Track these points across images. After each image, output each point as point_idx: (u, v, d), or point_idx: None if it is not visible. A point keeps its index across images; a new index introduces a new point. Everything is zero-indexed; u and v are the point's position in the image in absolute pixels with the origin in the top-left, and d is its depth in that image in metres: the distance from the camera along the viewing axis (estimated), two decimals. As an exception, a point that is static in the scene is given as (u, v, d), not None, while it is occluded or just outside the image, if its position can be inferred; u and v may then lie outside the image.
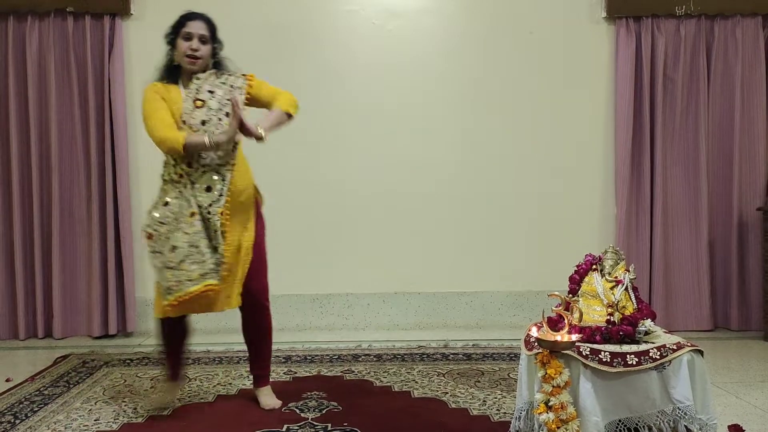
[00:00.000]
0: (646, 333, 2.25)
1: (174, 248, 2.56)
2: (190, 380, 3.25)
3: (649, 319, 2.27)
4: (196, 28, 2.71)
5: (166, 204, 2.61)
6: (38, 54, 4.14)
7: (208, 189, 2.61)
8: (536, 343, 2.17)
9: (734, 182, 4.22)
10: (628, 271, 2.40)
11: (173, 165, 2.65)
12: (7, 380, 3.29)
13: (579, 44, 4.32)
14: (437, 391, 3.05)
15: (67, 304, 4.20)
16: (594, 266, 2.44)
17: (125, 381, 3.26)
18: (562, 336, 2.10)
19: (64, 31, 4.14)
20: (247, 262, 2.75)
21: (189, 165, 2.62)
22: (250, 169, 2.82)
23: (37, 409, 2.88)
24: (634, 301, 2.33)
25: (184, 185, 2.62)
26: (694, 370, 2.19)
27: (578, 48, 4.32)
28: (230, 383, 3.21)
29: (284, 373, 3.36)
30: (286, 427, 2.63)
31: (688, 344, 2.21)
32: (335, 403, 2.89)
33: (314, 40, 4.25)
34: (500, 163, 4.34)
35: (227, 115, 2.63)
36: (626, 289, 2.35)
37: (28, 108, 4.12)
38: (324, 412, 2.79)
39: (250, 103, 2.76)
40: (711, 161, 4.27)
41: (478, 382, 3.18)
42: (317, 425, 2.64)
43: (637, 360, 2.14)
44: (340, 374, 3.34)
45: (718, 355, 3.67)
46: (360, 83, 4.27)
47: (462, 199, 4.35)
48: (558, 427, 2.05)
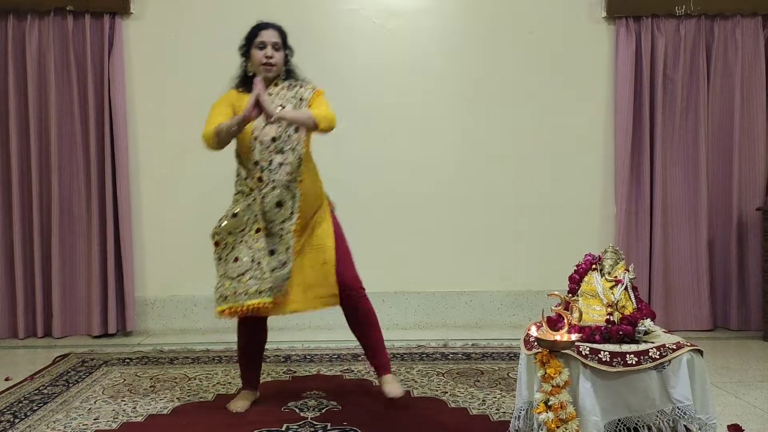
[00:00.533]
0: (646, 333, 2.25)
1: (236, 259, 2.65)
2: (189, 379, 3.25)
3: (648, 319, 2.27)
4: (269, 36, 2.78)
5: (234, 215, 2.68)
6: (38, 53, 4.14)
7: (279, 204, 2.68)
8: (536, 343, 2.17)
9: (734, 182, 4.23)
10: (628, 270, 2.40)
11: (244, 178, 2.72)
12: (7, 379, 3.29)
13: (579, 44, 4.32)
14: (437, 390, 3.05)
15: (67, 303, 4.20)
16: (593, 266, 2.44)
17: (124, 380, 3.26)
18: (562, 335, 2.09)
19: (64, 29, 4.13)
20: (328, 264, 2.77)
21: (260, 180, 2.68)
22: (320, 180, 2.86)
23: (36, 408, 2.88)
24: (633, 300, 2.33)
25: (254, 199, 2.68)
26: (693, 369, 2.19)
27: (578, 48, 4.32)
28: (230, 382, 3.21)
29: (284, 372, 3.36)
30: (285, 426, 2.63)
31: (688, 344, 2.21)
32: (335, 403, 2.89)
33: (314, 40, 4.24)
34: (500, 162, 4.34)
35: (297, 131, 2.69)
36: (626, 288, 2.35)
37: (28, 107, 4.12)
38: (323, 411, 2.79)
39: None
40: (711, 161, 4.27)
41: (478, 381, 3.18)
42: (317, 424, 2.64)
43: (636, 360, 2.14)
44: (339, 373, 3.34)
45: (717, 354, 3.67)
46: (360, 83, 4.27)
47: (461, 199, 4.35)
48: (557, 427, 2.05)
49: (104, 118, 4.14)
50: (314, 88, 2.81)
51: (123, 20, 4.20)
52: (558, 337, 2.09)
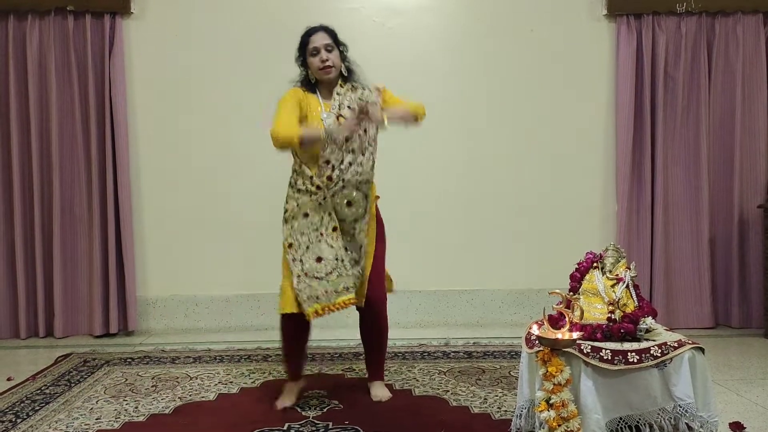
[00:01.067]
0: (647, 331, 2.25)
1: (320, 259, 2.69)
2: (191, 378, 3.25)
3: (650, 317, 2.27)
4: (320, 40, 2.80)
5: (306, 215, 2.70)
6: (39, 53, 4.13)
7: (349, 204, 2.74)
8: (537, 341, 2.17)
9: (735, 179, 4.22)
10: (629, 268, 2.40)
11: (310, 177, 2.71)
12: (9, 379, 3.30)
13: (580, 42, 4.32)
14: (438, 389, 3.05)
15: (68, 303, 4.20)
16: (595, 264, 2.44)
17: (126, 380, 3.26)
18: (563, 334, 2.10)
19: (65, 29, 4.13)
20: (364, 271, 2.84)
21: (329, 179, 2.70)
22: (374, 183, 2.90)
23: (38, 408, 2.88)
24: (635, 298, 2.33)
25: (324, 197, 2.71)
26: (695, 367, 2.19)
27: (579, 46, 4.32)
28: (231, 381, 3.21)
29: (286, 371, 3.35)
30: (287, 425, 2.63)
31: (689, 342, 2.21)
32: (336, 402, 2.89)
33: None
34: (501, 160, 4.34)
35: (366, 132, 2.74)
36: (627, 286, 2.35)
37: (29, 107, 4.12)
38: (325, 410, 2.80)
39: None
40: (712, 158, 4.27)
41: (479, 380, 3.18)
42: (318, 423, 2.64)
43: (638, 358, 2.14)
44: (341, 372, 3.34)
45: (719, 352, 3.67)
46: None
47: (462, 197, 4.34)
48: (559, 425, 2.05)
49: (105, 117, 4.14)
50: (377, 88, 2.83)
51: (123, 20, 4.19)
52: (559, 336, 2.09)
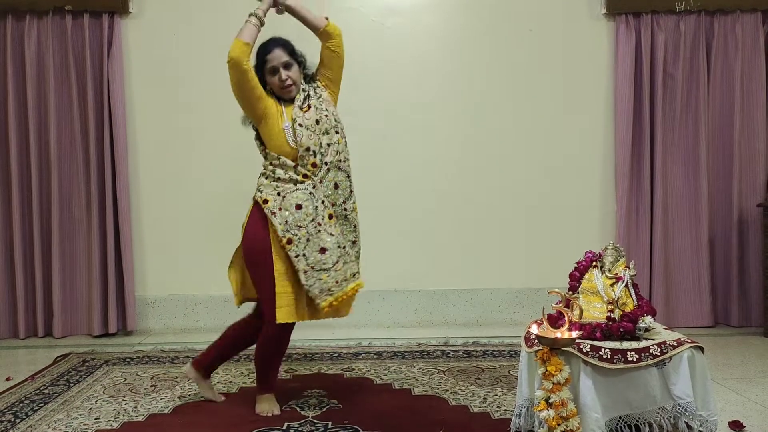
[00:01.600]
0: (647, 330, 2.25)
1: (323, 250, 2.65)
2: (190, 379, 3.25)
3: (649, 316, 2.27)
4: (277, 58, 2.73)
5: (299, 207, 2.65)
6: (37, 52, 4.13)
7: (336, 186, 2.72)
8: (536, 340, 2.17)
9: (734, 178, 4.22)
10: (628, 267, 2.40)
11: (293, 167, 2.68)
12: (8, 379, 3.29)
13: (578, 41, 4.31)
14: (437, 388, 3.05)
15: (67, 303, 4.20)
16: (594, 263, 2.44)
17: (125, 380, 3.26)
18: (563, 333, 2.09)
19: (63, 29, 4.13)
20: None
21: (314, 165, 2.68)
22: None
23: (37, 408, 2.88)
24: (634, 297, 2.33)
25: (313, 186, 2.68)
26: (694, 366, 2.19)
27: (578, 45, 4.32)
28: (230, 381, 3.21)
29: (284, 371, 3.36)
30: (286, 425, 2.63)
31: (689, 341, 2.21)
32: (335, 401, 2.89)
33: (312, 39, 4.24)
34: (500, 160, 4.34)
35: (327, 110, 2.75)
36: (626, 285, 2.35)
37: (27, 106, 4.12)
38: (324, 410, 2.79)
39: (333, 85, 2.87)
40: (711, 157, 4.27)
41: (479, 379, 3.18)
42: (317, 423, 2.64)
43: (637, 357, 2.14)
44: (340, 372, 3.34)
45: (718, 351, 3.67)
46: (358, 81, 4.26)
47: (462, 196, 4.34)
48: (558, 424, 2.05)
49: (103, 117, 4.14)
50: (318, 85, 2.83)
51: (122, 19, 4.19)
52: (559, 335, 2.09)
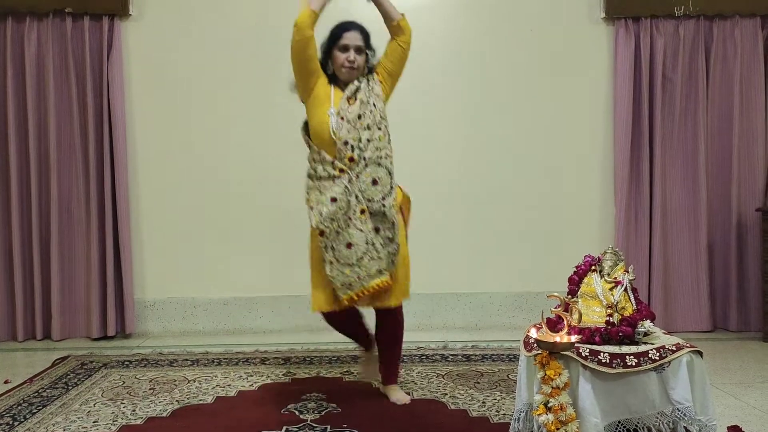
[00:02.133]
0: (646, 334, 2.25)
1: (350, 245, 2.68)
2: (189, 381, 3.25)
3: (648, 320, 2.27)
4: (353, 39, 2.78)
5: (334, 200, 2.68)
6: (37, 55, 4.13)
7: (374, 182, 2.71)
8: (535, 345, 2.16)
9: (733, 182, 4.23)
10: (627, 272, 2.39)
11: (331, 162, 2.71)
12: (6, 382, 3.29)
13: (578, 45, 4.32)
14: (436, 392, 3.05)
15: (66, 306, 4.19)
16: (593, 267, 2.44)
17: (124, 383, 3.26)
18: (562, 337, 2.09)
19: (63, 31, 4.13)
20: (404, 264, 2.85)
21: (351, 159, 2.69)
22: None
23: (35, 411, 2.87)
24: (633, 302, 2.33)
25: (349, 180, 2.70)
26: (693, 371, 2.19)
27: (577, 48, 4.32)
28: (229, 384, 3.20)
29: (283, 374, 3.35)
30: (285, 428, 2.62)
31: (687, 345, 2.21)
32: (334, 405, 2.88)
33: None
34: (499, 163, 4.34)
35: (375, 105, 2.76)
36: (625, 289, 2.34)
37: (27, 108, 4.12)
38: (323, 413, 2.79)
39: (391, 80, 2.87)
40: (710, 162, 4.27)
41: (478, 383, 3.17)
42: (316, 427, 2.64)
43: (636, 361, 2.13)
44: (339, 375, 3.33)
45: (717, 356, 3.66)
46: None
47: (460, 200, 4.34)
48: (557, 429, 2.05)
49: (103, 119, 4.14)
50: (372, 70, 2.86)
51: (122, 22, 4.19)
52: (558, 339, 2.09)
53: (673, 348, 2.18)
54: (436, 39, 4.33)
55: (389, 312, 2.86)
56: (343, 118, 2.71)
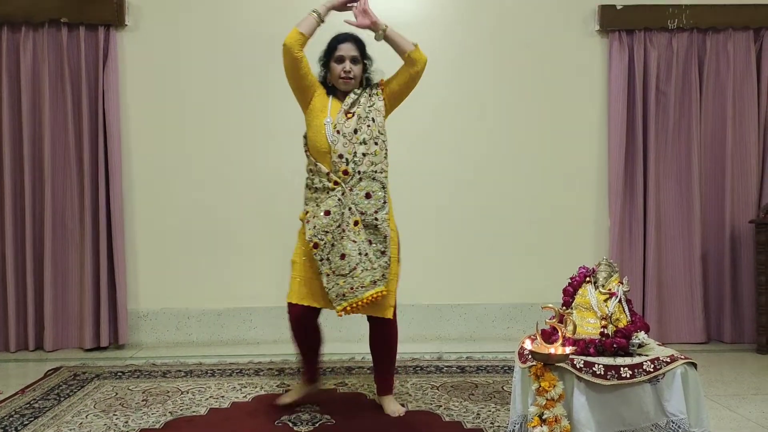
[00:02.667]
0: (640, 345, 2.25)
1: (344, 256, 2.69)
2: (182, 393, 3.23)
3: (642, 332, 2.27)
4: (348, 50, 2.84)
5: (327, 213, 2.70)
6: (32, 64, 4.13)
7: (368, 196, 2.73)
8: (530, 356, 2.16)
9: (727, 194, 4.24)
10: (622, 283, 2.40)
11: (326, 173, 2.74)
12: (-3, 393, 3.27)
13: (572, 57, 4.34)
14: (431, 404, 3.04)
15: (59, 316, 4.17)
16: (587, 278, 2.44)
17: (117, 394, 3.24)
18: (556, 348, 2.09)
19: (59, 41, 4.13)
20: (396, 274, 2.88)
21: (345, 173, 2.72)
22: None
23: (27, 422, 2.85)
24: (627, 313, 2.33)
25: (342, 192, 2.72)
26: (687, 383, 2.19)
27: (571, 61, 4.34)
28: (223, 396, 3.19)
29: (277, 385, 3.34)
30: (278, 440, 2.61)
31: (682, 357, 2.21)
32: (328, 416, 2.87)
33: (309, 52, 4.25)
34: (494, 175, 4.35)
35: (374, 120, 2.79)
36: (620, 301, 2.35)
37: (22, 118, 4.11)
38: (317, 425, 2.78)
39: (394, 100, 2.92)
40: (703, 174, 4.29)
41: (472, 394, 3.16)
42: (310, 438, 2.63)
43: (630, 373, 2.13)
44: (333, 387, 3.32)
45: (711, 367, 3.67)
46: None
47: (456, 212, 4.35)
48: (552, 441, 2.05)
49: (98, 129, 4.13)
50: (378, 85, 2.90)
51: (117, 32, 4.20)
52: (552, 350, 2.09)
53: (668, 360, 2.19)
54: (432, 52, 4.27)
55: (385, 322, 2.86)
56: (339, 131, 2.75)
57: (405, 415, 2.90)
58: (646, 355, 2.21)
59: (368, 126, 2.78)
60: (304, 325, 2.90)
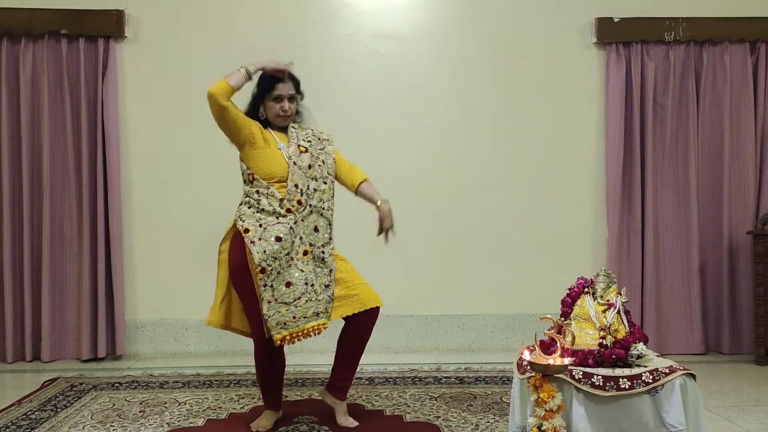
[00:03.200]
0: (639, 356, 2.25)
1: (289, 284, 2.67)
2: (180, 404, 3.22)
3: (641, 343, 2.27)
4: (286, 89, 2.84)
5: (279, 239, 2.67)
6: (32, 76, 4.14)
7: (316, 229, 2.78)
8: (529, 367, 2.16)
9: (724, 205, 4.25)
10: (620, 294, 2.40)
11: (280, 199, 2.73)
12: (-6, 404, 3.25)
13: (569, 69, 4.36)
14: (429, 415, 3.03)
15: (56, 327, 4.15)
16: (586, 289, 2.44)
17: (114, 405, 3.22)
18: (555, 359, 2.09)
19: (58, 53, 4.15)
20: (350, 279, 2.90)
21: (299, 203, 2.74)
22: None
23: (23, 433, 2.84)
24: (626, 324, 2.33)
25: (294, 221, 2.73)
26: (686, 394, 2.19)
27: (569, 73, 4.36)
28: (220, 407, 3.18)
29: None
30: (276, 451, 2.60)
31: (681, 368, 2.21)
32: (326, 428, 2.86)
33: (307, 65, 4.25)
34: (492, 186, 4.36)
35: (324, 162, 2.87)
36: (618, 312, 2.35)
37: (21, 129, 4.12)
38: (315, 436, 2.77)
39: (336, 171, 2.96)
40: (701, 185, 4.30)
41: (471, 405, 3.16)
42: (308, 450, 2.62)
43: (629, 384, 2.13)
44: (331, 398, 3.30)
45: (710, 379, 3.66)
46: (352, 107, 4.29)
47: (454, 222, 4.35)
48: (551, 452, 2.04)
49: (97, 141, 4.14)
50: (329, 139, 2.97)
51: (117, 44, 4.21)
52: (551, 361, 2.09)
53: (667, 371, 2.18)
54: (428, 65, 4.37)
55: (369, 318, 2.85)
56: (295, 163, 2.78)
57: (403, 426, 2.88)
58: (645, 366, 2.21)
59: (319, 165, 2.84)
60: (273, 357, 2.82)
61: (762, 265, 4.02)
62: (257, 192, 2.76)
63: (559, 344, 2.14)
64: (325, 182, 2.84)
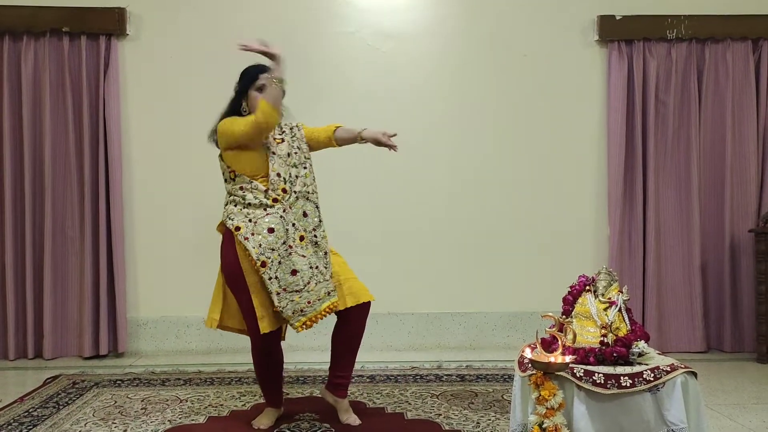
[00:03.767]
0: (640, 354, 2.25)
1: (295, 272, 2.69)
2: (181, 401, 3.22)
3: (642, 341, 2.27)
4: (267, 77, 2.81)
5: (271, 231, 2.68)
6: (33, 73, 4.15)
7: (305, 214, 2.79)
8: (530, 365, 2.16)
9: (726, 203, 4.25)
10: (622, 292, 2.40)
11: (264, 191, 2.74)
12: (-4, 401, 3.26)
13: (571, 67, 4.36)
14: (430, 412, 3.03)
15: (58, 324, 4.16)
16: (587, 287, 2.44)
17: (116, 402, 3.23)
18: (556, 357, 2.09)
19: (60, 50, 4.15)
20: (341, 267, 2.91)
21: (284, 191, 2.75)
22: None
23: (25, 430, 2.84)
24: (627, 322, 2.33)
25: (283, 209, 2.74)
26: (687, 392, 2.19)
27: (571, 71, 4.36)
28: (222, 404, 3.18)
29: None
30: (278, 449, 2.60)
31: (682, 366, 2.21)
32: (327, 425, 2.86)
33: (309, 62, 4.27)
34: (493, 184, 4.35)
35: (299, 148, 2.87)
36: (619, 310, 2.35)
37: (23, 127, 4.12)
38: (316, 434, 2.77)
39: (310, 148, 2.95)
40: (703, 183, 4.30)
41: (472, 403, 3.16)
42: (309, 447, 2.62)
43: (630, 382, 2.13)
44: (332, 395, 3.31)
45: (711, 377, 3.66)
46: (354, 105, 4.29)
47: (455, 220, 4.35)
48: (552, 450, 2.04)
49: (99, 138, 4.15)
50: (298, 125, 2.96)
51: (119, 41, 4.21)
52: (552, 359, 2.09)
53: (668, 369, 2.18)
54: (430, 63, 4.36)
55: (361, 313, 2.84)
56: (275, 153, 2.79)
57: (405, 423, 2.89)
58: (646, 364, 2.21)
59: (296, 153, 2.85)
60: (276, 350, 2.85)
61: (764, 263, 4.02)
62: (241, 188, 2.77)
63: (560, 342, 2.14)
64: (305, 167, 2.86)
